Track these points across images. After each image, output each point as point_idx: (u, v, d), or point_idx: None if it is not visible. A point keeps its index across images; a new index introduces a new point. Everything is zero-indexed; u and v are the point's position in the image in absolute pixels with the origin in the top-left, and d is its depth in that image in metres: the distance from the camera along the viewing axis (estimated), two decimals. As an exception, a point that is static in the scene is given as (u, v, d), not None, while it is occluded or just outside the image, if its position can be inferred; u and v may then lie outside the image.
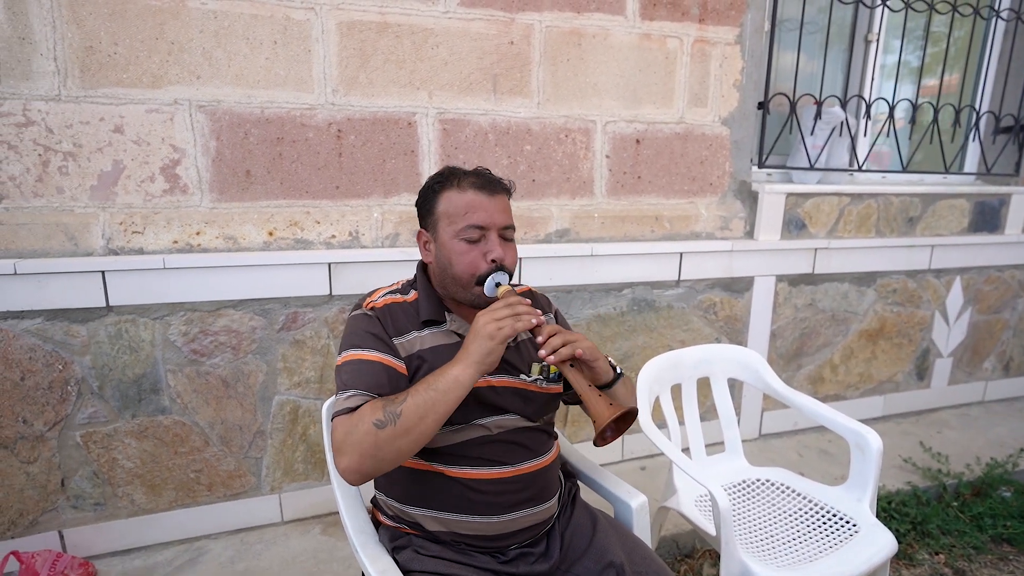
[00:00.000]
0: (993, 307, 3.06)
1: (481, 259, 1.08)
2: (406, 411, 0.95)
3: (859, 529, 1.50)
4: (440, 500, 1.10)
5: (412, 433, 0.95)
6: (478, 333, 0.99)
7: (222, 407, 1.90)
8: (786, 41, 2.55)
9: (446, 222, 1.11)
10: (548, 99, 2.08)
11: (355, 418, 0.97)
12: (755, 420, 2.67)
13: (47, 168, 1.67)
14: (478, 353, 0.98)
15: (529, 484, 1.13)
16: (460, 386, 0.97)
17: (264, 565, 1.83)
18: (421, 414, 0.95)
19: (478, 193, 1.10)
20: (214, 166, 1.80)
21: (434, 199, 1.13)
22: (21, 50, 1.59)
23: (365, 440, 0.95)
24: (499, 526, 1.11)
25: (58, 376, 1.73)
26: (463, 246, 1.09)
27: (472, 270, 1.09)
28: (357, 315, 1.12)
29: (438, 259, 1.13)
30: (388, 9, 1.85)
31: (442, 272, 1.13)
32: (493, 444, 1.10)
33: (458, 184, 1.11)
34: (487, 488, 1.09)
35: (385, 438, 0.94)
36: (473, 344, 0.99)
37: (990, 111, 2.89)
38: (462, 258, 1.09)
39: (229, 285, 1.83)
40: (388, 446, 0.95)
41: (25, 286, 1.65)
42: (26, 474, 1.75)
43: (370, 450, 0.95)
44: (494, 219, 1.10)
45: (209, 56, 1.73)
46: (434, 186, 1.14)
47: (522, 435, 1.14)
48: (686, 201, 2.36)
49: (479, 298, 1.09)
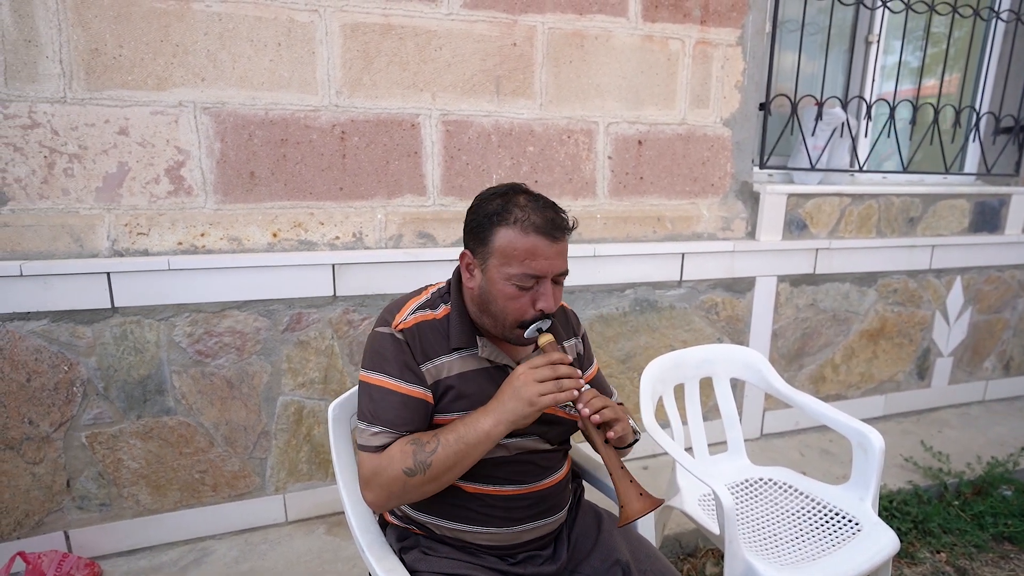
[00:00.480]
0: (993, 307, 3.07)
1: (529, 306, 1.02)
2: (436, 462, 0.97)
3: (861, 528, 1.51)
4: (453, 511, 1.10)
5: (440, 480, 0.99)
6: (517, 393, 0.96)
7: (227, 408, 1.91)
8: (787, 42, 2.56)
9: (500, 260, 1.01)
10: (551, 100, 2.09)
11: (384, 459, 0.99)
12: (757, 420, 2.68)
13: (52, 170, 1.68)
14: (513, 414, 0.96)
15: (543, 499, 1.14)
16: (490, 440, 0.98)
17: (269, 565, 1.84)
18: (450, 465, 0.97)
19: (541, 238, 1.00)
20: (218, 168, 1.81)
21: (490, 231, 1.02)
22: (27, 52, 1.59)
23: (394, 484, 0.98)
24: (510, 537, 1.12)
25: (64, 377, 1.74)
26: (513, 290, 1.01)
27: (518, 316, 1.03)
28: (385, 335, 1.07)
29: (481, 291, 1.05)
30: (392, 11, 1.86)
31: (483, 304, 1.05)
32: (510, 464, 1.09)
33: (521, 226, 1.00)
34: (501, 504, 1.10)
35: (414, 484, 0.98)
36: (510, 403, 0.96)
37: (990, 112, 2.90)
38: (510, 303, 1.02)
39: (233, 286, 1.84)
40: (416, 491, 0.99)
41: (31, 287, 1.66)
42: (32, 475, 1.76)
43: (398, 492, 0.99)
44: (553, 267, 1.02)
45: (214, 58, 1.74)
46: (493, 217, 1.02)
47: (538, 456, 1.13)
48: (688, 202, 2.37)
49: (517, 339, 1.05)
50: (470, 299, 1.09)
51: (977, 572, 1.97)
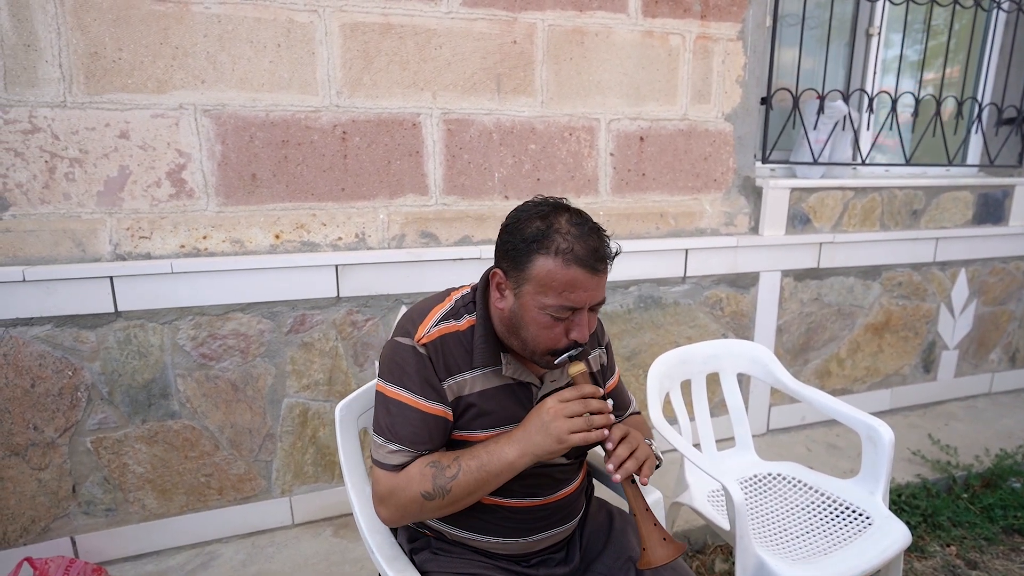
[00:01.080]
0: (998, 298, 3.05)
1: (563, 336, 0.98)
2: (455, 488, 0.96)
3: (872, 521, 1.50)
4: (467, 522, 1.09)
5: (457, 504, 0.99)
6: (546, 428, 0.92)
7: (231, 411, 1.90)
8: (788, 36, 2.55)
9: (536, 288, 0.95)
10: (552, 98, 2.08)
11: (402, 479, 0.98)
12: (763, 415, 2.67)
13: (54, 175, 1.67)
14: (540, 447, 0.93)
15: (558, 510, 1.13)
16: (513, 470, 0.96)
17: (276, 568, 1.83)
18: (470, 491, 0.97)
19: (583, 271, 0.94)
20: (220, 170, 1.80)
21: (529, 258, 0.95)
22: (26, 57, 1.59)
23: (411, 506, 0.98)
24: (524, 547, 1.11)
25: (68, 382, 1.73)
26: (548, 320, 0.96)
27: (550, 346, 0.98)
28: (407, 347, 1.02)
29: (513, 314, 1.00)
30: (391, 10, 1.85)
31: (512, 327, 1.01)
32: (528, 477, 1.05)
33: (564, 257, 0.93)
34: (517, 515, 1.09)
35: (431, 508, 0.98)
36: (537, 436, 0.93)
37: (992, 103, 2.90)
38: (543, 332, 0.97)
39: (237, 288, 1.83)
40: (432, 513, 0.99)
41: (34, 293, 1.65)
42: (38, 481, 1.75)
43: (414, 513, 0.99)
44: (591, 299, 0.97)
45: (213, 60, 1.74)
46: (532, 244, 0.95)
47: (555, 469, 1.11)
48: (690, 198, 2.36)
49: (547, 365, 1.01)
50: (498, 319, 1.04)
51: (987, 565, 1.96)
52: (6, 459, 1.72)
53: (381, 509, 1.01)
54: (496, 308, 1.04)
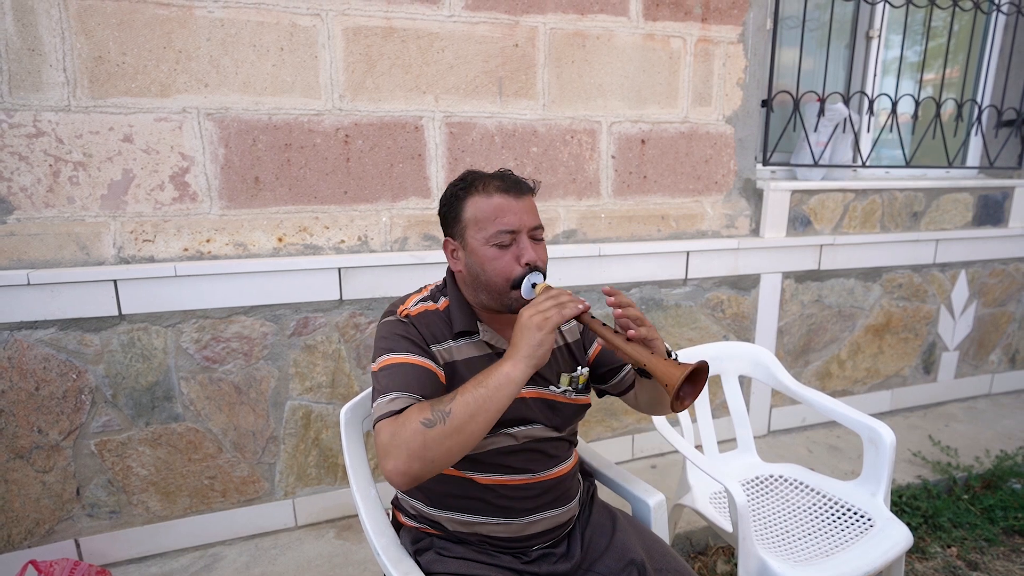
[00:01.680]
0: (998, 300, 3.06)
1: (514, 263, 1.05)
2: (456, 409, 0.91)
3: (874, 523, 1.50)
4: (463, 503, 1.11)
5: (463, 432, 0.91)
6: (525, 326, 0.95)
7: (235, 413, 1.91)
8: (788, 39, 2.56)
9: (474, 229, 1.07)
10: (553, 101, 2.09)
11: (401, 419, 0.94)
12: (764, 417, 2.68)
13: (58, 178, 1.68)
14: (528, 346, 0.93)
15: (550, 489, 1.14)
16: (512, 382, 0.93)
17: (279, 570, 1.84)
18: (472, 412, 0.91)
19: (505, 196, 1.06)
20: (223, 173, 1.81)
21: (459, 206, 1.09)
22: (31, 61, 1.59)
23: (413, 440, 0.90)
24: (520, 528, 1.12)
25: (72, 385, 1.74)
26: (494, 251, 1.05)
27: (506, 275, 1.05)
28: (391, 321, 1.09)
29: (469, 267, 1.09)
30: (393, 14, 1.86)
31: (474, 280, 1.09)
32: (518, 453, 1.10)
33: (483, 188, 1.07)
34: (510, 494, 1.10)
35: (434, 437, 0.90)
36: (522, 339, 0.94)
37: (992, 105, 2.90)
38: (495, 264, 1.05)
39: (240, 292, 1.84)
40: (438, 446, 0.90)
41: (38, 296, 1.66)
42: (42, 483, 1.76)
43: (418, 450, 0.90)
44: (524, 221, 1.06)
45: (216, 64, 1.74)
46: (458, 192, 1.09)
47: (546, 444, 1.14)
48: (692, 200, 2.37)
49: (516, 302, 1.06)
50: (463, 283, 1.13)
51: (988, 566, 1.97)
52: (11, 462, 1.72)
53: (387, 461, 0.92)
54: (458, 274, 1.14)
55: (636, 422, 2.45)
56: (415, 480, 0.92)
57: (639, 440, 2.48)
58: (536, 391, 1.13)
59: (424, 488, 1.14)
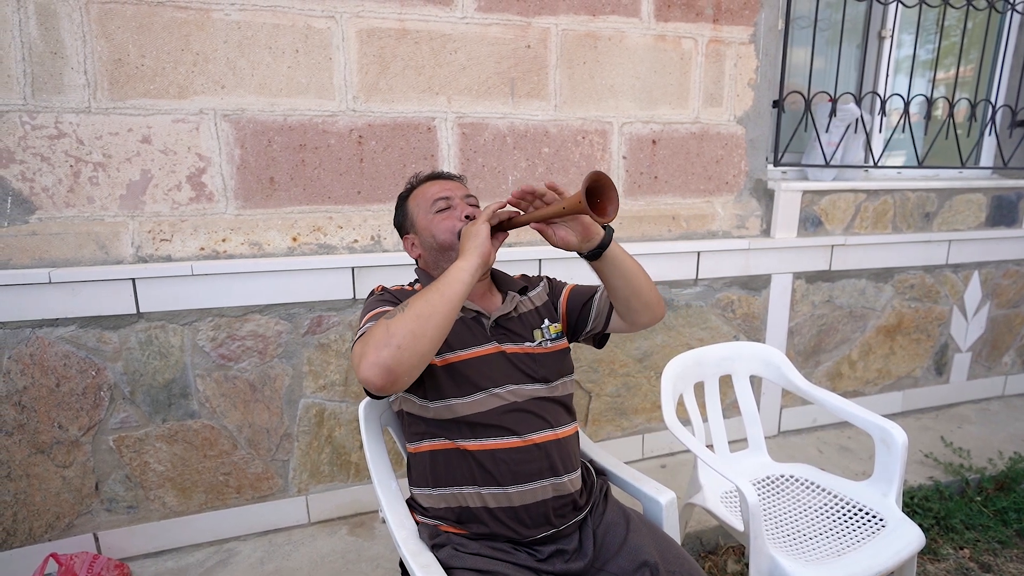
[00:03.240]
0: (1012, 301, 3.04)
1: (457, 220, 1.23)
2: (412, 300, 1.00)
3: (886, 523, 1.50)
4: (463, 475, 1.14)
5: (423, 317, 0.96)
6: (464, 234, 1.10)
7: (249, 411, 1.93)
8: (799, 39, 2.56)
9: (418, 211, 1.27)
10: (565, 101, 2.10)
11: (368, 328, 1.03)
12: (774, 417, 2.68)
13: (78, 179, 1.71)
14: (470, 244, 1.06)
15: (546, 454, 1.15)
16: (462, 271, 1.02)
17: (293, 566, 1.86)
18: (428, 298, 0.98)
19: (435, 181, 1.31)
20: (239, 174, 1.83)
21: (404, 204, 1.32)
22: (53, 64, 1.63)
23: (377, 332, 0.96)
24: (521, 496, 1.12)
25: (91, 382, 1.77)
26: (437, 216, 1.24)
27: (452, 229, 1.22)
28: (370, 298, 1.23)
29: (425, 244, 1.27)
30: (407, 16, 1.88)
31: (431, 251, 1.26)
32: (509, 414, 1.15)
33: (418, 183, 1.33)
34: (504, 457, 1.12)
35: (395, 323, 0.95)
36: (466, 241, 1.08)
37: (1006, 104, 2.88)
38: (441, 224, 1.23)
39: (255, 290, 1.86)
40: (399, 329, 0.94)
41: (59, 294, 1.69)
42: (62, 478, 1.79)
43: (383, 338, 0.94)
44: (455, 191, 1.27)
45: (233, 66, 1.77)
46: (402, 197, 1.34)
47: (537, 404, 1.18)
48: (702, 200, 2.37)
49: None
50: (427, 266, 1.30)
51: (1002, 568, 1.96)
52: (32, 457, 1.75)
53: (360, 363, 0.95)
54: (419, 260, 1.33)
55: (646, 422, 2.46)
56: (389, 372, 0.93)
57: (649, 440, 2.48)
58: (515, 347, 1.21)
59: (425, 470, 1.18)
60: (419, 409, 1.18)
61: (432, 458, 1.17)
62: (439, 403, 1.15)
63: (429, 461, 1.18)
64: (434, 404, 1.15)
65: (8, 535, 1.77)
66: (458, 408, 1.14)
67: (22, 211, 1.68)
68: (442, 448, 1.16)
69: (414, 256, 1.33)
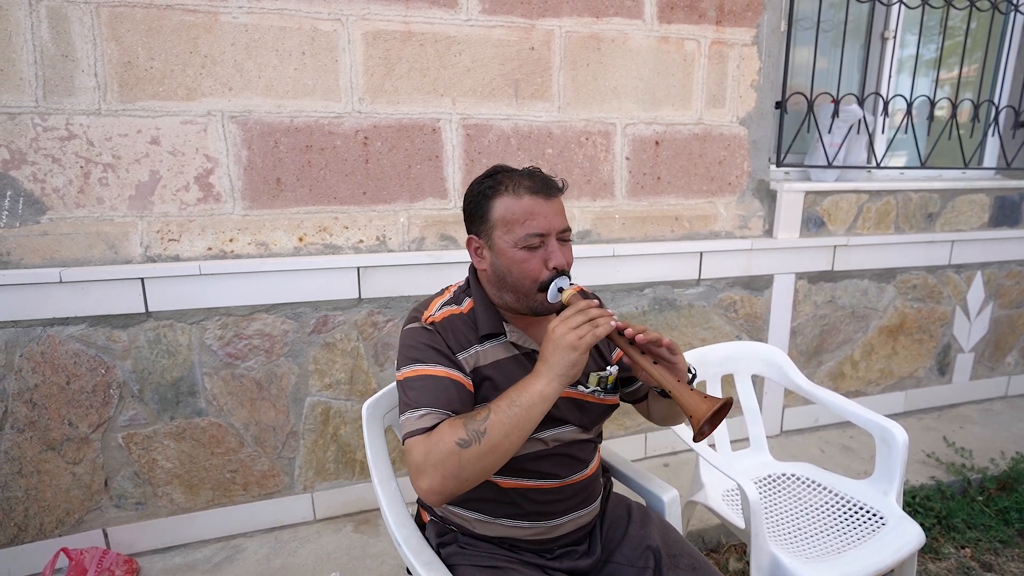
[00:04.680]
0: (1015, 301, 3.04)
1: (542, 266, 1.05)
2: (490, 429, 0.91)
3: (886, 522, 1.52)
4: (493, 507, 1.12)
5: (497, 451, 0.92)
6: (558, 344, 0.94)
7: (256, 409, 1.96)
8: (802, 40, 2.57)
9: (503, 230, 1.06)
10: (568, 103, 2.12)
11: (434, 437, 0.94)
12: (776, 416, 2.69)
13: (88, 180, 1.73)
14: (561, 366, 0.94)
15: (578, 492, 1.15)
16: (544, 400, 0.94)
17: (299, 562, 1.88)
18: (506, 431, 0.92)
19: (535, 198, 1.05)
20: (246, 175, 1.86)
21: (487, 205, 1.07)
22: (64, 67, 1.65)
23: (448, 460, 0.91)
24: (547, 530, 1.14)
25: (101, 380, 1.80)
26: (523, 254, 1.04)
27: (534, 277, 1.05)
28: (415, 328, 1.08)
29: (494, 267, 1.08)
30: (412, 18, 1.90)
31: (499, 280, 1.08)
32: (547, 458, 1.10)
33: (513, 189, 1.05)
34: (538, 498, 1.11)
35: (469, 458, 0.91)
36: (554, 356, 0.94)
37: (1009, 105, 2.89)
38: (523, 267, 1.05)
39: (262, 290, 1.89)
40: (472, 466, 0.91)
41: (69, 294, 1.72)
42: (72, 474, 1.82)
43: (453, 470, 0.91)
44: (553, 224, 1.05)
45: (240, 68, 1.79)
46: (486, 191, 1.08)
47: (574, 447, 1.14)
48: (705, 201, 2.39)
49: (541, 306, 1.07)
50: (487, 283, 1.12)
51: (1003, 567, 1.97)
52: (43, 453, 1.78)
53: (420, 480, 0.92)
54: (482, 272, 1.12)
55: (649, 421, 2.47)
56: (448, 497, 0.93)
57: (652, 439, 2.50)
58: (566, 391, 1.11)
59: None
60: None
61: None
62: None
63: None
64: None
65: (20, 530, 1.80)
66: None
67: (33, 211, 1.70)
68: None
69: (479, 267, 1.13)
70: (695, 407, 0.94)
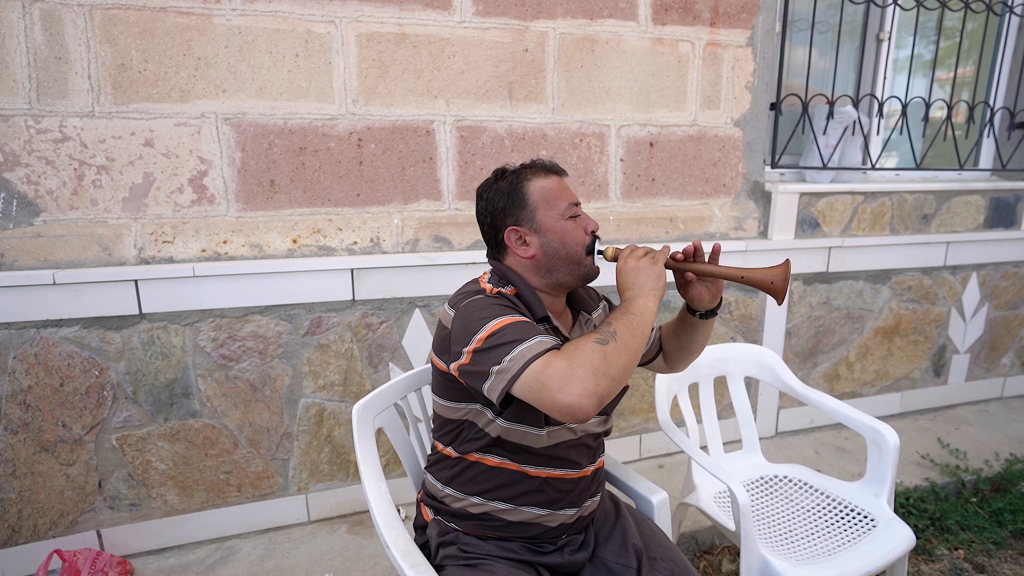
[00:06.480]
0: (1011, 303, 3.05)
1: (584, 234, 1.13)
2: (619, 330, 0.94)
3: (877, 524, 1.52)
4: (518, 495, 1.13)
5: (629, 351, 0.93)
6: (638, 270, 1.03)
7: (250, 410, 1.96)
8: (797, 41, 2.57)
9: (545, 208, 1.11)
10: (563, 105, 2.12)
11: (569, 348, 0.92)
12: (771, 418, 2.69)
13: (82, 182, 1.74)
14: (650, 281, 1.01)
15: (592, 481, 1.21)
16: (649, 313, 0.99)
17: (293, 563, 1.89)
18: (632, 332, 0.95)
19: (557, 176, 1.17)
20: (240, 176, 1.86)
21: (523, 190, 1.12)
22: (58, 69, 1.65)
23: (594, 357, 0.89)
24: (562, 517, 1.16)
25: (95, 382, 1.80)
26: (570, 224, 1.12)
27: (583, 242, 1.12)
28: (481, 298, 1.06)
29: (544, 247, 1.11)
30: (405, 20, 1.90)
31: (550, 259, 1.11)
32: (573, 447, 1.15)
33: (538, 173, 1.15)
34: (561, 487, 1.15)
35: (611, 352, 0.90)
36: (639, 278, 1.02)
37: (1005, 107, 2.89)
38: (574, 235, 1.12)
39: (256, 292, 1.89)
40: (616, 361, 0.90)
41: (63, 296, 1.72)
42: (66, 476, 1.82)
43: (601, 366, 0.88)
44: (575, 196, 1.17)
45: (234, 70, 1.79)
46: (515, 181, 1.13)
47: (593, 438, 1.19)
48: (700, 202, 2.39)
49: (591, 268, 1.14)
50: (531, 270, 1.14)
51: (996, 569, 1.97)
52: (37, 455, 1.78)
53: (572, 385, 0.86)
54: (527, 260, 1.13)
55: (644, 422, 2.47)
56: (601, 402, 0.88)
57: (647, 440, 2.50)
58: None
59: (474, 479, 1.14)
60: (487, 424, 1.10)
61: (489, 472, 1.13)
62: (513, 425, 1.09)
63: (485, 473, 1.13)
64: (506, 424, 1.09)
65: (13, 532, 1.80)
66: (532, 438, 1.08)
67: (27, 213, 1.71)
68: (504, 467, 1.12)
69: (525, 256, 1.12)
70: (770, 274, 1.06)
